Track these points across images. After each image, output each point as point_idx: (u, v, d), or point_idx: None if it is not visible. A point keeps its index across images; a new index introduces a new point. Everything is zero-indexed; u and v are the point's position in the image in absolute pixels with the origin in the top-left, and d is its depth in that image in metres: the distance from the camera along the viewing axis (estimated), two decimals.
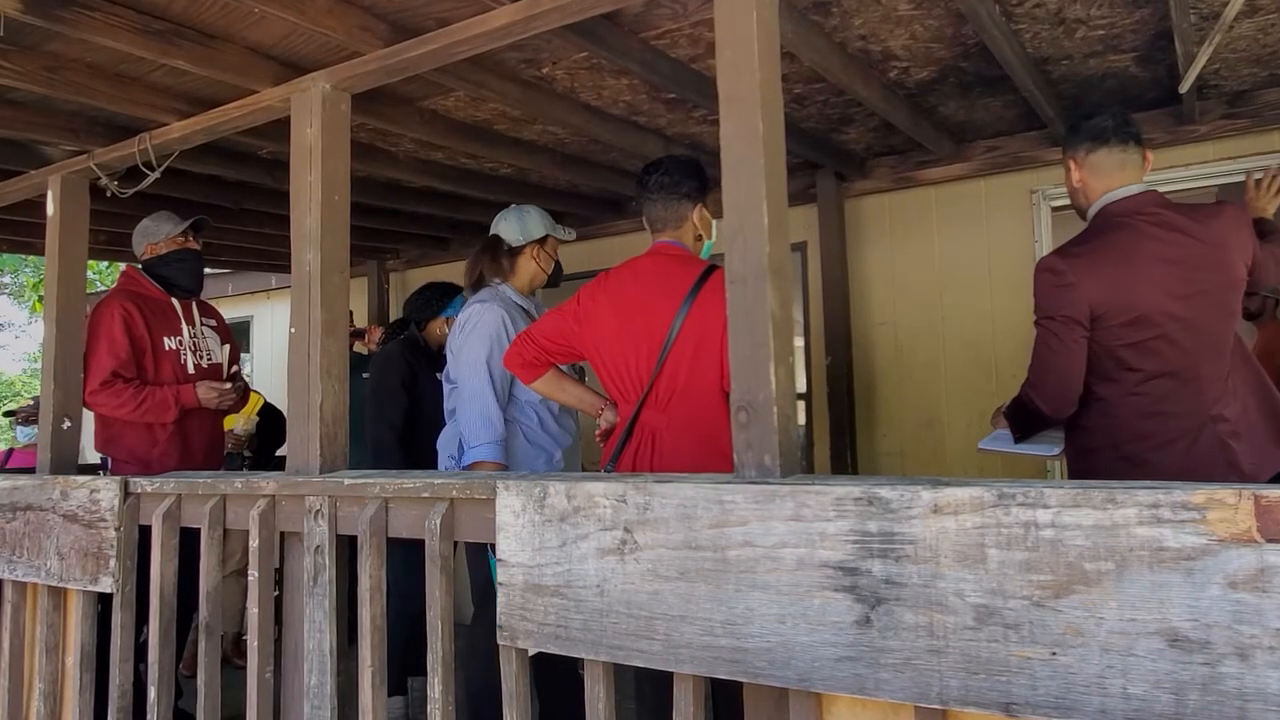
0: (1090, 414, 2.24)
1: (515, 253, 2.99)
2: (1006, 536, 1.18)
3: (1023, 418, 2.34)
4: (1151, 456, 2.18)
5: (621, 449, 2.35)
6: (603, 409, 2.48)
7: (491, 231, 3.05)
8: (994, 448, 2.46)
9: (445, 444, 2.96)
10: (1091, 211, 2.33)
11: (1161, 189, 3.61)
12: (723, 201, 1.61)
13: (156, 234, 3.32)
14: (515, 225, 3.00)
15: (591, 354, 2.44)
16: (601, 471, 2.38)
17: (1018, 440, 2.38)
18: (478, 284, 2.99)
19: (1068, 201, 3.72)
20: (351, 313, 5.03)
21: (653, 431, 2.30)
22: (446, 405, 3.08)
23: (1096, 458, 2.24)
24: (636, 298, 2.35)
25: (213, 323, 3.46)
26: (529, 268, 3.01)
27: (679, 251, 2.42)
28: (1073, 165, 2.35)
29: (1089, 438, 2.26)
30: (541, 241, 3.02)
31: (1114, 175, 2.29)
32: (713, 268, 2.32)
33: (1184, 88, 2.81)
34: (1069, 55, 2.85)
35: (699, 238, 2.48)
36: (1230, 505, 1.06)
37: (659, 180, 2.42)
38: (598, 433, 2.52)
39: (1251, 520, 1.05)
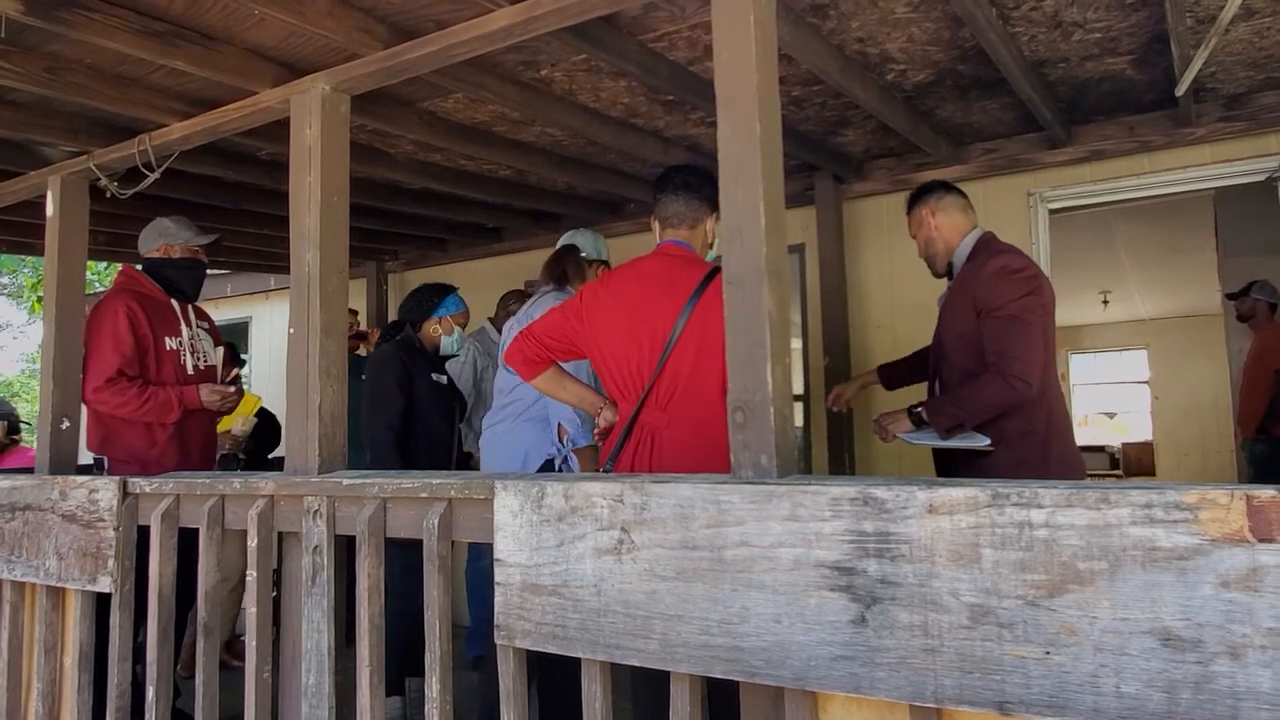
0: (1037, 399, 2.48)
1: (587, 264, 3.35)
2: (1001, 536, 1.19)
3: (986, 407, 2.45)
4: (1065, 431, 2.56)
5: (620, 448, 2.35)
6: (602, 408, 2.49)
7: (567, 241, 3.41)
8: (924, 441, 2.61)
9: (519, 439, 3.17)
10: (970, 240, 2.67)
11: (1160, 192, 3.66)
12: (720, 203, 1.62)
13: (176, 236, 3.33)
14: (591, 242, 3.43)
15: (593, 352, 2.44)
16: (600, 470, 2.39)
17: (945, 437, 2.52)
18: (560, 280, 3.26)
19: (1066, 204, 3.78)
20: (356, 313, 5.03)
21: (652, 431, 2.30)
22: (497, 393, 3.33)
23: (1036, 435, 2.48)
24: (640, 297, 2.36)
25: (206, 325, 3.47)
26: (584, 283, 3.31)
27: (685, 253, 2.43)
28: (926, 211, 2.73)
29: (1026, 421, 2.47)
30: (605, 264, 3.38)
31: (965, 216, 2.71)
32: (717, 269, 2.34)
33: (1180, 90, 2.82)
34: (1066, 58, 2.86)
35: (710, 245, 2.52)
36: (1222, 505, 1.07)
37: (685, 179, 2.47)
38: (596, 431, 2.54)
39: (1243, 520, 1.05)
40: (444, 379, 3.66)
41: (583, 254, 3.37)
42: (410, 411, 3.46)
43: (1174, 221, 6.30)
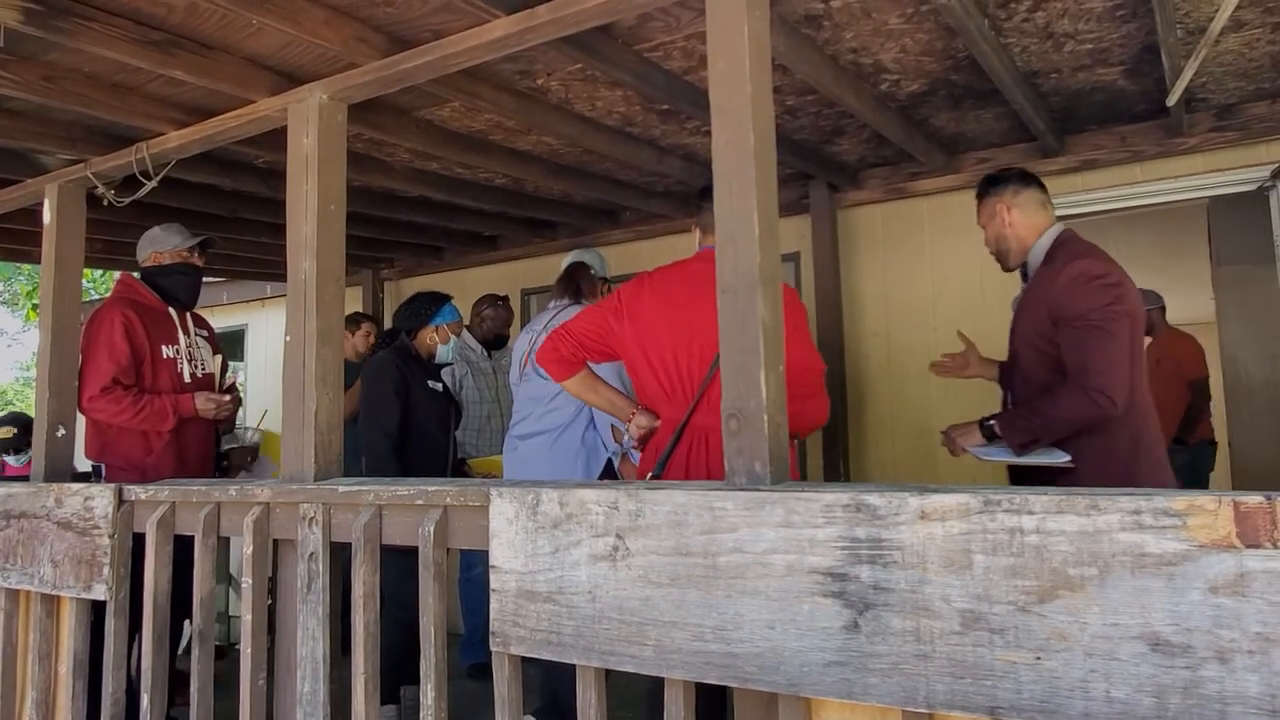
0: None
1: (595, 280, 3.51)
2: (992, 542, 1.20)
3: (1064, 423, 2.27)
4: (1157, 451, 2.34)
5: (671, 451, 2.30)
6: (634, 414, 2.43)
7: (576, 259, 3.56)
8: (995, 458, 2.42)
9: (569, 449, 3.25)
10: (1047, 240, 2.48)
11: (1152, 201, 3.68)
12: (714, 211, 1.64)
13: (165, 244, 3.34)
14: (597, 260, 3.61)
15: (633, 352, 2.40)
16: (648, 477, 2.33)
17: (1020, 453, 2.33)
18: (576, 295, 3.41)
19: (1059, 212, 3.76)
20: (375, 322, 5.00)
21: (705, 433, 2.27)
22: (529, 403, 3.40)
23: (1118, 455, 2.27)
24: (687, 298, 2.33)
25: (205, 333, 3.48)
26: (596, 299, 3.45)
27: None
28: (1000, 204, 2.53)
29: (1107, 439, 2.27)
30: (607, 281, 3.56)
31: (1044, 212, 2.53)
32: None
33: (1172, 101, 2.84)
34: (1058, 69, 2.88)
35: None
36: (1210, 511, 1.08)
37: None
38: (636, 436, 2.44)
39: (1231, 526, 1.06)
40: (440, 387, 3.67)
41: (591, 270, 3.50)
42: (407, 419, 3.46)
43: (1167, 230, 6.33)
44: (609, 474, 3.21)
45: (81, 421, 3.13)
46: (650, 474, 2.34)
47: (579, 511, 1.55)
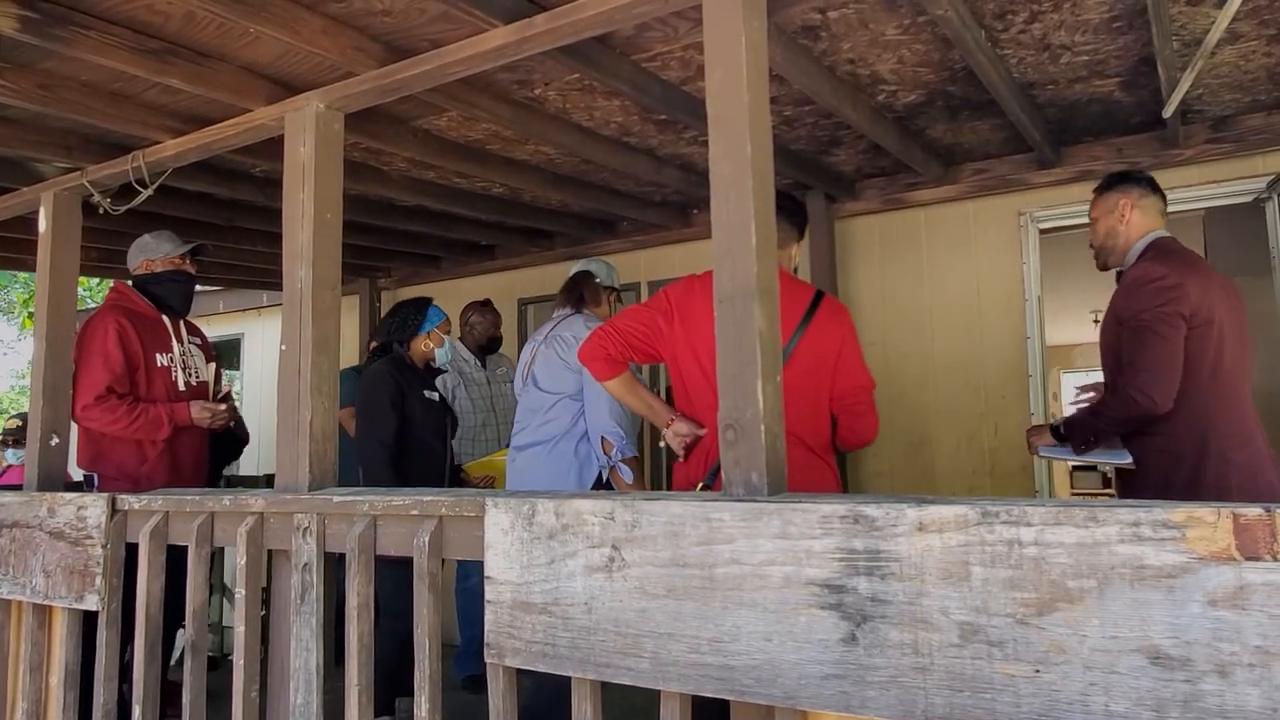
0: (1173, 412, 2.33)
1: (602, 290, 3.55)
2: (990, 554, 1.19)
3: (1112, 422, 2.40)
4: (1236, 455, 2.36)
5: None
6: (671, 420, 2.40)
7: (583, 268, 3.59)
8: (1060, 457, 2.61)
9: (564, 460, 3.25)
10: (1141, 244, 2.59)
11: None
12: (711, 221, 1.63)
13: (156, 251, 3.34)
14: (605, 270, 3.62)
15: (682, 354, 2.35)
16: (698, 486, 2.31)
17: (1079, 452, 2.48)
18: (579, 304, 3.45)
19: (1056, 223, 3.80)
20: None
21: None
22: (528, 414, 3.39)
23: (1181, 457, 2.34)
24: None
25: (198, 341, 3.47)
26: (603, 310, 3.51)
27: (780, 270, 2.45)
28: (1125, 201, 2.62)
29: (1168, 440, 2.36)
30: (616, 291, 3.61)
31: (1159, 219, 2.63)
32: (821, 293, 2.43)
33: (1168, 113, 2.85)
34: (1054, 80, 2.89)
35: (794, 270, 2.60)
36: (1209, 524, 1.07)
37: (778, 203, 2.48)
38: (677, 446, 2.40)
39: (1230, 538, 1.06)
40: (436, 396, 3.66)
41: (597, 279, 3.54)
42: (404, 429, 3.45)
43: None
44: (600, 486, 3.20)
45: (73, 430, 3.12)
46: (700, 483, 2.31)
47: (575, 522, 1.55)
